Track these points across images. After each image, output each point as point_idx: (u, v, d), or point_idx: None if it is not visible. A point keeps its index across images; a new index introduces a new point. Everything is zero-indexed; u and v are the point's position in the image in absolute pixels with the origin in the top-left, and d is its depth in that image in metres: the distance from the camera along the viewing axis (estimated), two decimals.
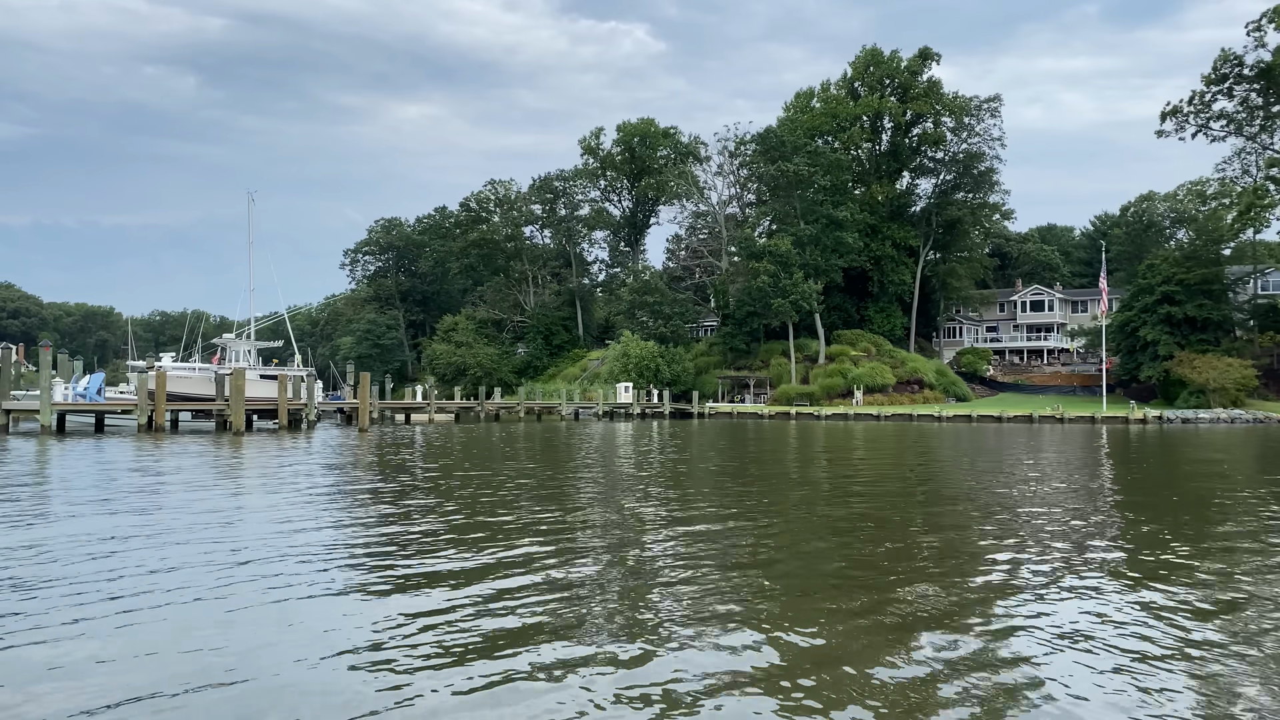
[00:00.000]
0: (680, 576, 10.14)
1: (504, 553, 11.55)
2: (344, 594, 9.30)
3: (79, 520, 14.03)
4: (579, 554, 11.56)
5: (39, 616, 8.27)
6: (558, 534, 13.10)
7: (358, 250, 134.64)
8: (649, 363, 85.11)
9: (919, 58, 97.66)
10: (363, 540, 12.57)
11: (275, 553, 11.37)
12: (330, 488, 19.16)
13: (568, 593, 9.38)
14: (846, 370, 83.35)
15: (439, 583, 9.82)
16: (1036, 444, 37.33)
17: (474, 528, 13.73)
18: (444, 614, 8.43)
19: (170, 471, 22.28)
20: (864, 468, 25.57)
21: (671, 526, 13.89)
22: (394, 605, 8.80)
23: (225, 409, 39.51)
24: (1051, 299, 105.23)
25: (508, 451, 31.00)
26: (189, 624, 8.04)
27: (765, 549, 11.97)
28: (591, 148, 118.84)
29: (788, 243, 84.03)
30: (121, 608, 8.63)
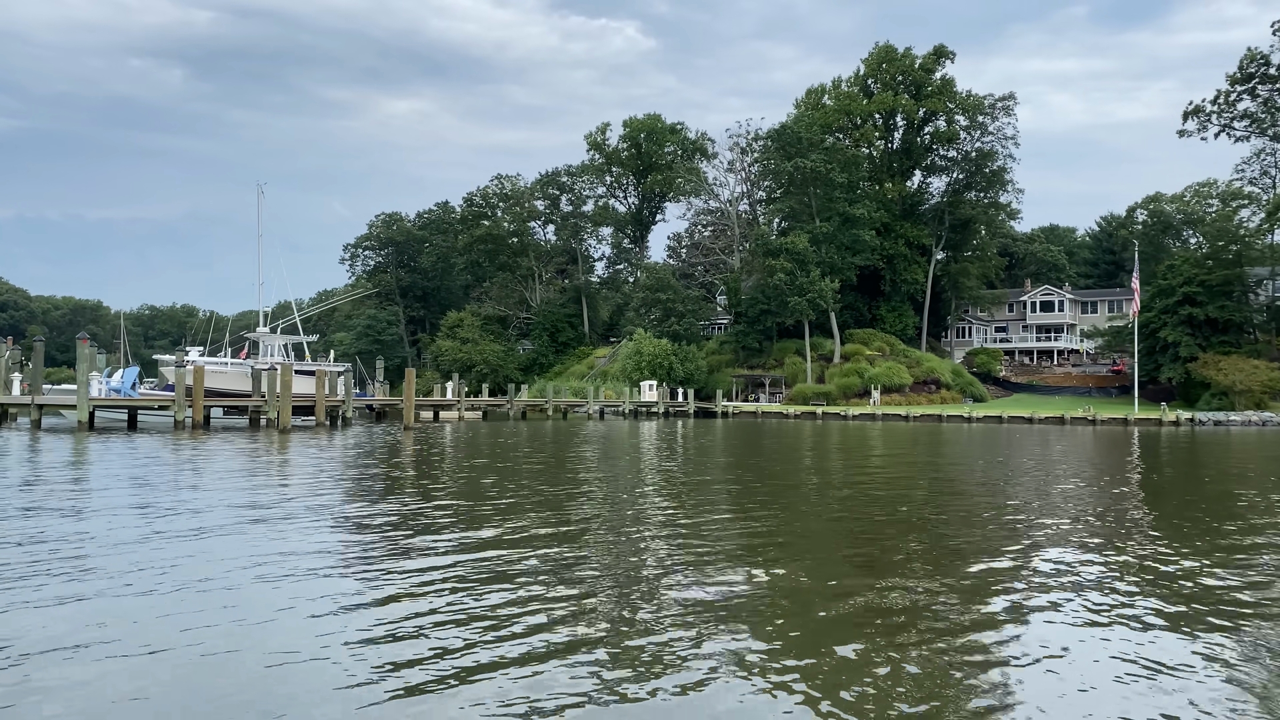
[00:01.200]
0: (782, 609, 8.71)
1: (663, 571, 10.39)
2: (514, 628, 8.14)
3: (214, 541, 12.81)
4: (708, 567, 10.42)
5: (117, 643, 7.19)
6: (687, 550, 11.96)
7: (358, 245, 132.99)
8: (662, 360, 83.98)
9: (933, 55, 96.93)
10: (525, 564, 11.41)
11: (423, 582, 10.18)
12: (446, 496, 17.96)
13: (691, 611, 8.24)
14: (863, 370, 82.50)
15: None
16: (1085, 448, 36.43)
17: (615, 545, 12.58)
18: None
19: (248, 474, 21.00)
20: (930, 477, 24.51)
21: (764, 551, 12.76)
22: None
23: (262, 405, 38.11)
24: (1062, 299, 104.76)
25: (571, 454, 29.84)
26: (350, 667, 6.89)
27: (882, 583, 10.38)
28: (597, 143, 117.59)
29: (804, 240, 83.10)
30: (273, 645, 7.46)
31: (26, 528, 12.41)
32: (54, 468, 21.09)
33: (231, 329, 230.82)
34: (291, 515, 14.06)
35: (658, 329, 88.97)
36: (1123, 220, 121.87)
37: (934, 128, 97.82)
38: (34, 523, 12.90)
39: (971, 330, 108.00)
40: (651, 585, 9.53)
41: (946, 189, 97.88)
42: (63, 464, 22.03)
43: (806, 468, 25.04)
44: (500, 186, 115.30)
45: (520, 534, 12.67)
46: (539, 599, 8.83)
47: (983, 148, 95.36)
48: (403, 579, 9.65)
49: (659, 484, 19.94)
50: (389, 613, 8.23)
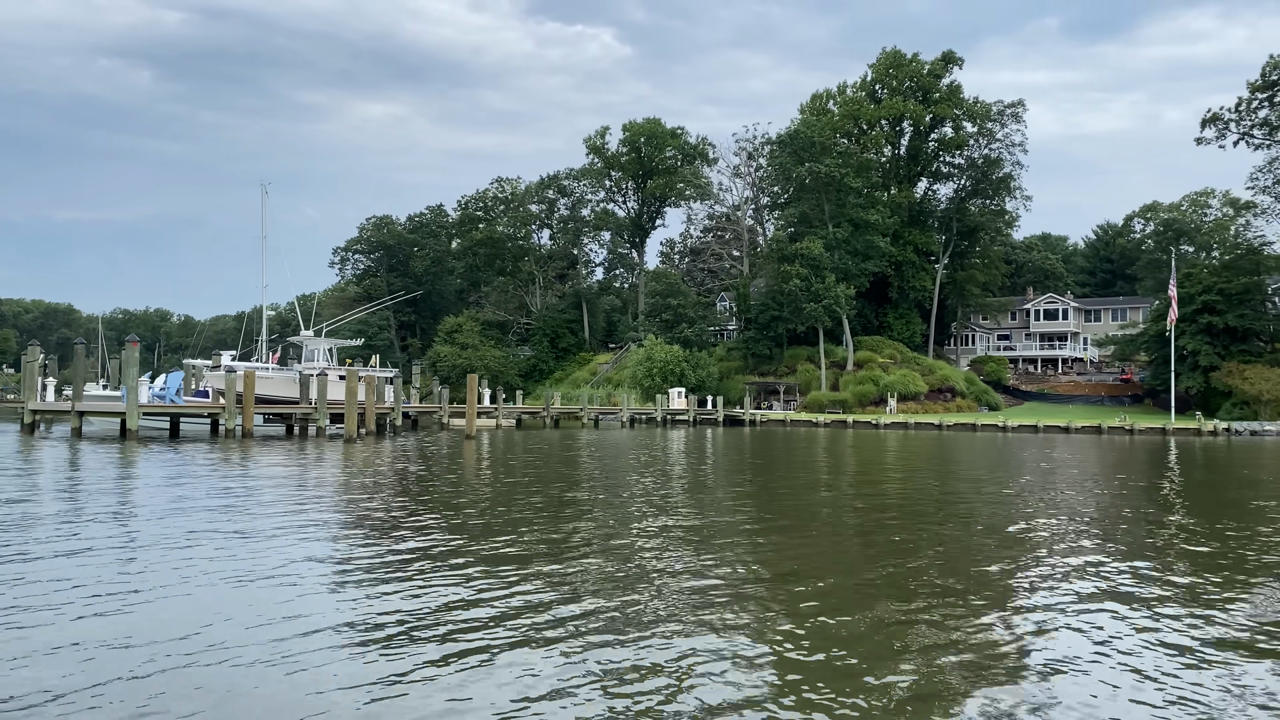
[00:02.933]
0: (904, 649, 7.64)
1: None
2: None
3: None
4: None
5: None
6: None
7: (348, 248, 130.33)
8: (673, 367, 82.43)
9: (941, 61, 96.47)
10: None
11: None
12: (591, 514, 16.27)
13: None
14: (878, 377, 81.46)
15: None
16: (1145, 460, 35.40)
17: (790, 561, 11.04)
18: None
19: (366, 491, 19.17)
20: (1002, 490, 23.18)
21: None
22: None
23: (311, 413, 36.05)
24: (1066, 308, 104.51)
25: (648, 462, 28.25)
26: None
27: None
28: (597, 147, 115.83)
29: (819, 245, 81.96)
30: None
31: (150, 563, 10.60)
32: (148, 487, 19.12)
33: (206, 334, 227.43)
34: (486, 561, 12.34)
35: (668, 335, 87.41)
36: (1120, 229, 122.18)
37: (940, 134, 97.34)
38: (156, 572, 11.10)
39: (975, 338, 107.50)
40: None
41: (954, 196, 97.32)
42: (148, 482, 20.05)
43: (899, 487, 23.59)
44: (500, 189, 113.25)
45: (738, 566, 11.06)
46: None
47: (990, 154, 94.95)
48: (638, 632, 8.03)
49: (766, 502, 18.37)
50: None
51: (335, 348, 47.44)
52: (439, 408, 49.81)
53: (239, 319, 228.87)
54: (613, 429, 55.99)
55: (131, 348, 31.06)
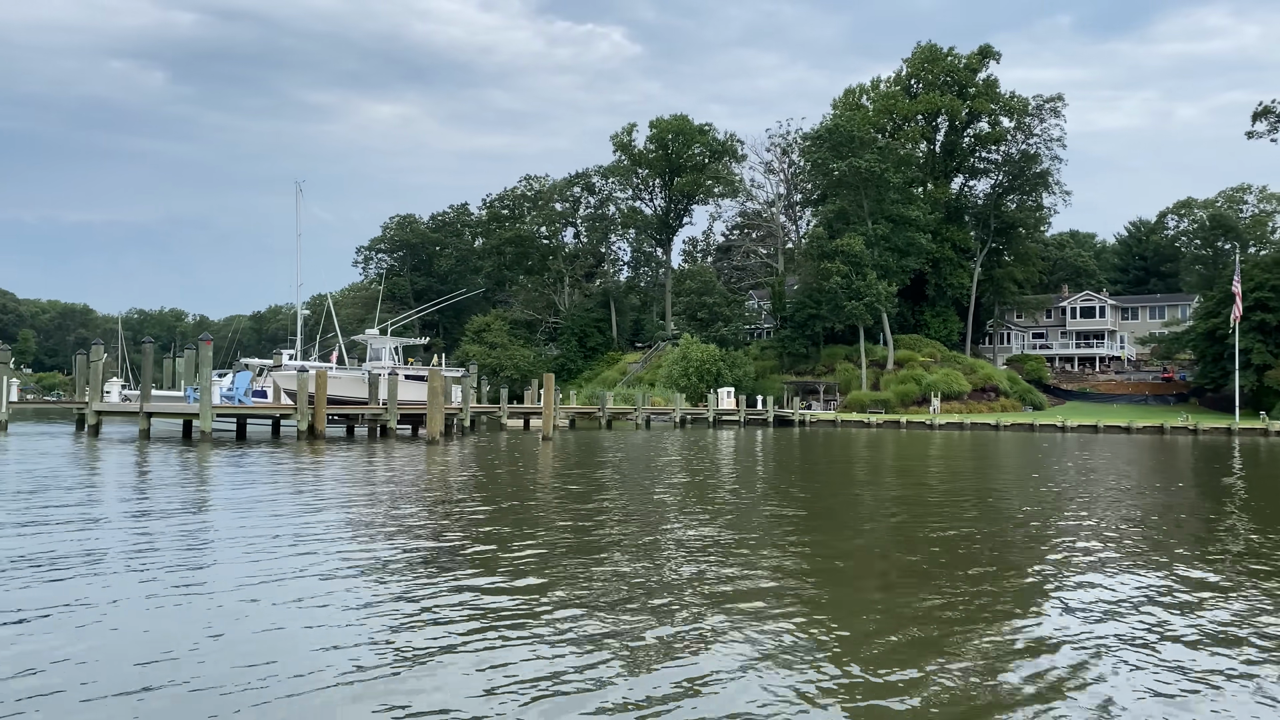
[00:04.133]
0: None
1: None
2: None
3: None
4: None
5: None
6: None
7: (371, 247, 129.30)
8: (710, 366, 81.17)
9: (978, 55, 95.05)
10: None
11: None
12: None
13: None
14: (920, 376, 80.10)
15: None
16: (1222, 462, 34.07)
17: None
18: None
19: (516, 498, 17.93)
20: (1110, 499, 21.86)
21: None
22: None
23: (381, 413, 34.81)
24: (1103, 305, 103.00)
25: (739, 464, 27.01)
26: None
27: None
28: (624, 144, 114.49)
29: (860, 242, 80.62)
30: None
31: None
32: (284, 496, 17.88)
33: (220, 333, 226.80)
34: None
35: (704, 334, 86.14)
36: (1153, 226, 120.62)
37: (976, 129, 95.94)
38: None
39: (1010, 336, 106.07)
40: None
41: (992, 191, 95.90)
42: (275, 490, 18.81)
43: (993, 495, 22.30)
44: (528, 187, 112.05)
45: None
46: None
47: (1027, 150, 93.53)
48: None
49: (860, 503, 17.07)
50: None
51: (400, 346, 46.11)
52: (498, 408, 48.54)
53: (254, 319, 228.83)
54: (666, 429, 54.73)
55: (205, 346, 29.83)
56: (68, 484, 17.97)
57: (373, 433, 35.34)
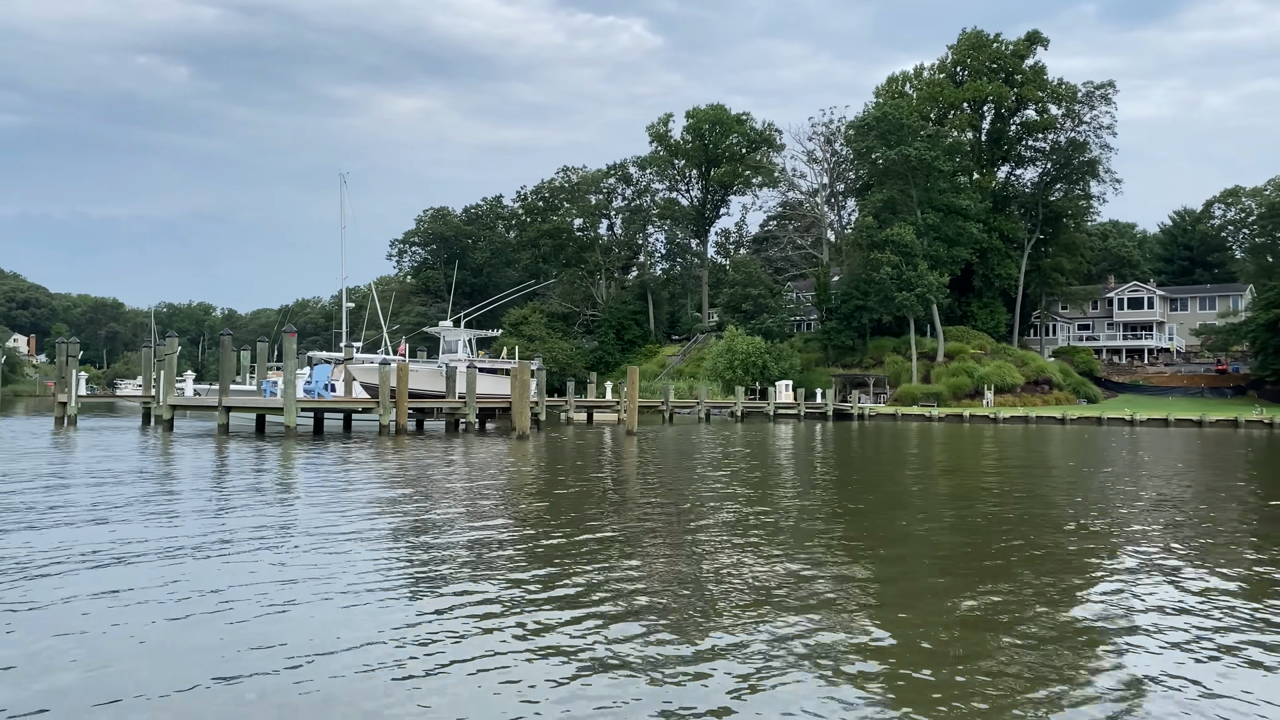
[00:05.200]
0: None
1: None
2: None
3: None
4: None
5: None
6: None
7: (405, 240, 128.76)
8: (756, 359, 79.97)
9: (1025, 41, 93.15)
10: None
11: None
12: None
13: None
14: (971, 369, 78.58)
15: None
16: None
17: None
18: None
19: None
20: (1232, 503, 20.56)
21: None
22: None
23: (460, 408, 33.91)
24: (1151, 296, 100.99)
25: (830, 458, 25.93)
26: None
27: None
28: (660, 135, 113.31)
29: (910, 232, 79.14)
30: None
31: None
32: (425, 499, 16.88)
33: (248, 327, 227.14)
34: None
35: (750, 326, 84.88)
36: (1198, 215, 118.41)
37: (1023, 117, 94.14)
38: None
39: (1056, 328, 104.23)
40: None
41: (1039, 180, 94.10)
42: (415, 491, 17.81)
43: (1091, 492, 21.06)
44: (565, 179, 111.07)
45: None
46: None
47: (1075, 138, 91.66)
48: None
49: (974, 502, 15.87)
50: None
51: (474, 339, 44.99)
52: (563, 401, 47.55)
53: (281, 312, 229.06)
54: (727, 423, 53.68)
55: (289, 339, 28.92)
56: (199, 485, 17.05)
57: (449, 426, 34.45)
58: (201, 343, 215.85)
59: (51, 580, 8.63)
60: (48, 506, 13.43)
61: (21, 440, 27.97)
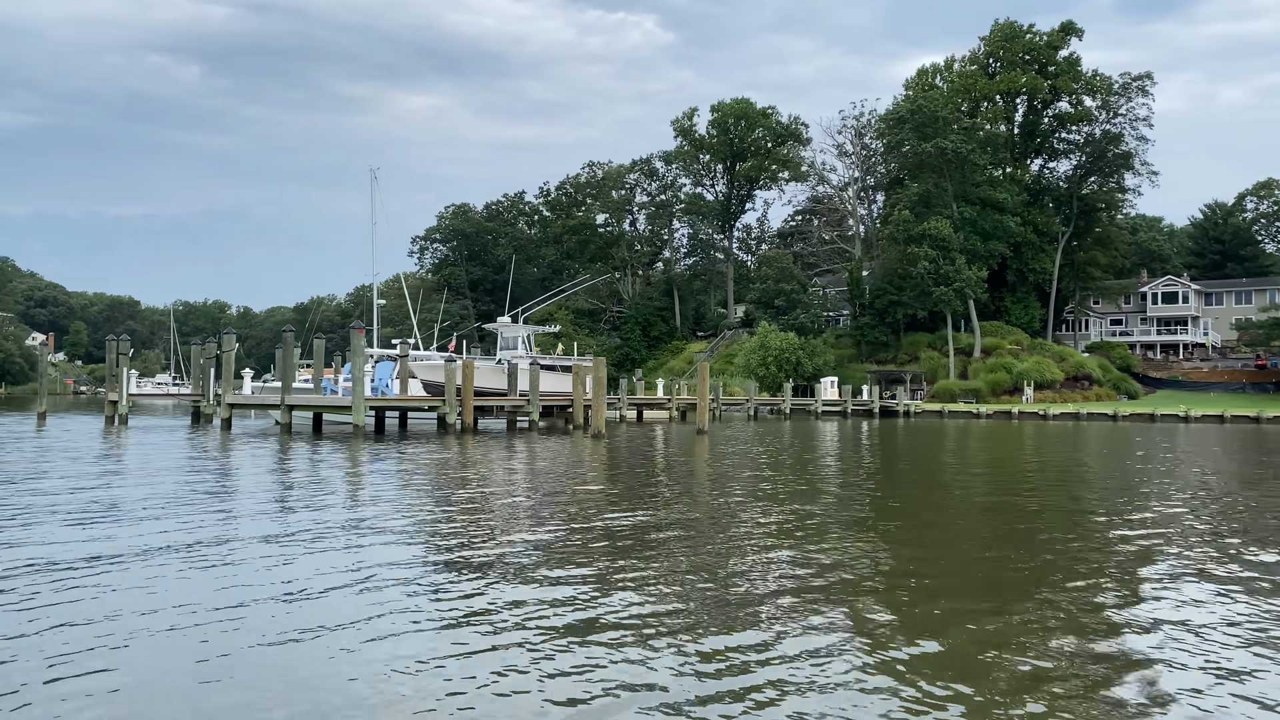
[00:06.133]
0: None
1: None
2: None
3: None
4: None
5: None
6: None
7: (427, 237, 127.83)
8: (789, 355, 78.88)
9: (1060, 32, 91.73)
10: None
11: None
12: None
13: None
14: (1010, 365, 77.41)
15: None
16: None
17: None
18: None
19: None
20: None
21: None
22: None
23: (523, 405, 32.92)
24: (1186, 291, 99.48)
25: (909, 456, 24.86)
26: None
27: None
28: (685, 129, 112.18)
29: (948, 226, 77.94)
30: None
31: None
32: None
33: (264, 324, 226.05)
34: None
35: (782, 321, 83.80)
36: (1230, 209, 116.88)
37: (1056, 109, 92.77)
38: None
39: (1089, 323, 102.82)
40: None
41: (1074, 172, 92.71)
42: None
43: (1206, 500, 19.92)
44: (591, 174, 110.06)
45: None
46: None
47: (1110, 130, 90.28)
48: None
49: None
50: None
51: (532, 335, 43.98)
52: (617, 399, 46.51)
53: (297, 310, 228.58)
54: (775, 420, 52.62)
55: (357, 335, 27.93)
56: (299, 489, 16.06)
57: (510, 425, 33.46)
58: (218, 340, 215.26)
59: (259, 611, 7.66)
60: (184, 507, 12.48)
61: (83, 441, 27.00)
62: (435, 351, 44.60)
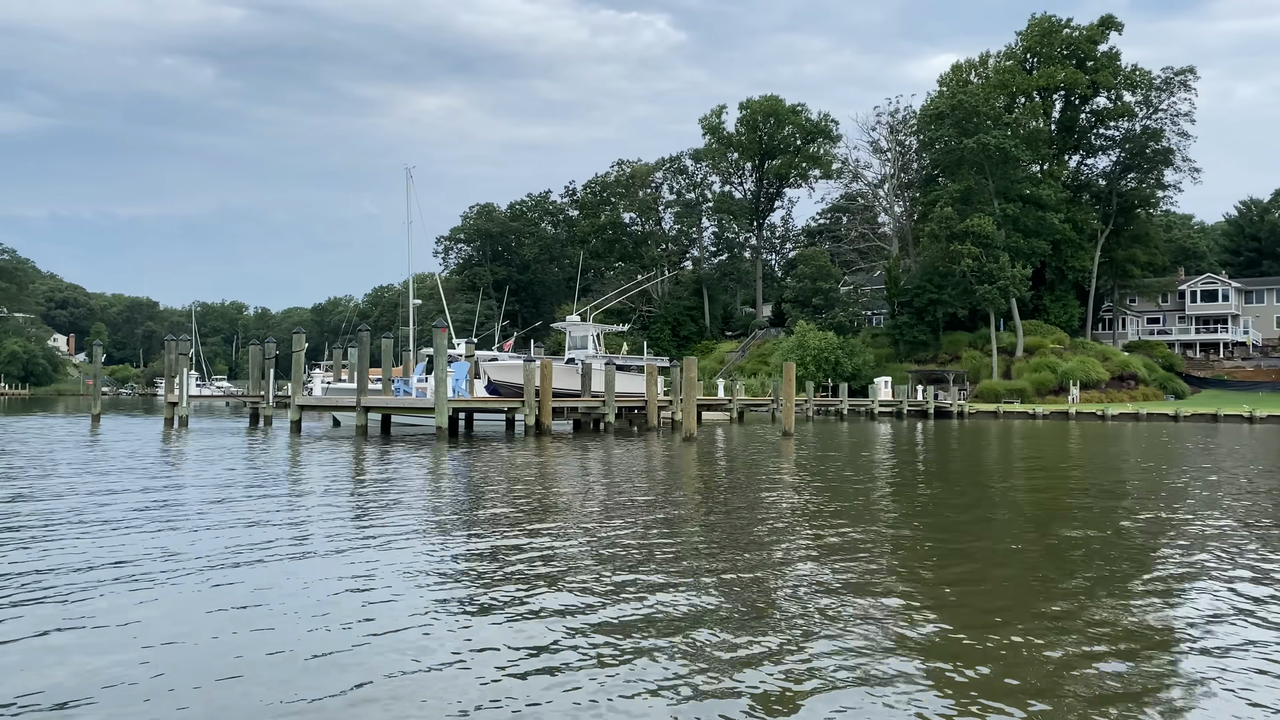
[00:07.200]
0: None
1: None
2: None
3: None
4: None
5: None
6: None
7: (451, 237, 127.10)
8: (828, 355, 77.69)
9: (1099, 26, 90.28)
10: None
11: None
12: None
13: None
14: (1054, 364, 76.08)
15: None
16: None
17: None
18: None
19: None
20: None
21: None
22: None
23: (598, 407, 31.85)
24: (1226, 289, 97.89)
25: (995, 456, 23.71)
26: None
27: None
28: (713, 127, 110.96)
29: (990, 223, 76.64)
30: None
31: None
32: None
33: (281, 325, 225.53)
34: None
35: (819, 320, 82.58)
36: (1266, 205, 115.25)
37: (1093, 105, 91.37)
38: None
39: (1126, 322, 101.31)
40: None
41: (1113, 169, 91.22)
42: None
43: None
44: (620, 172, 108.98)
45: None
46: None
47: (1149, 126, 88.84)
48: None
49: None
50: None
51: (602, 334, 42.83)
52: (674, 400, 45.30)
53: (315, 311, 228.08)
54: (831, 422, 51.46)
55: (440, 334, 26.87)
56: (456, 502, 14.96)
57: (578, 426, 32.41)
58: (235, 341, 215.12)
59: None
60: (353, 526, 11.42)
61: (145, 445, 25.89)
62: (498, 352, 43.53)
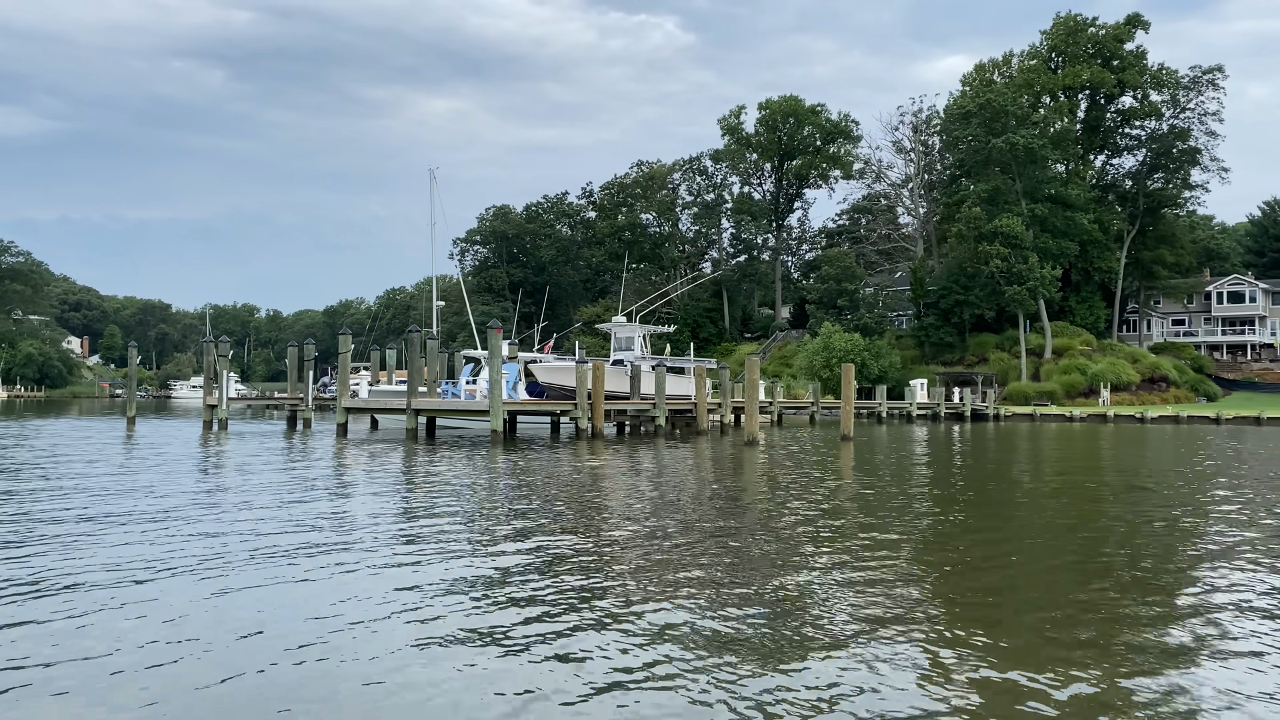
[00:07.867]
0: None
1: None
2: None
3: None
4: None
5: None
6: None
7: (468, 239, 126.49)
8: (854, 357, 76.74)
9: (1126, 25, 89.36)
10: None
11: None
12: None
13: None
14: (1084, 366, 75.13)
15: None
16: None
17: None
18: None
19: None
20: None
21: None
22: None
23: (649, 409, 31.11)
24: (1253, 290, 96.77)
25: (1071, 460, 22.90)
26: None
27: None
28: (732, 127, 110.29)
29: (1019, 223, 75.75)
30: None
31: None
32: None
33: (293, 328, 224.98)
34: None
35: (844, 322, 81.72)
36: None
37: (1119, 104, 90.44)
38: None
39: (1151, 323, 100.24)
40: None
41: (1140, 169, 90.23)
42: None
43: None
44: (640, 172, 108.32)
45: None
46: None
47: (1176, 125, 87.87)
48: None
49: None
50: None
51: (648, 334, 41.85)
52: (715, 403, 44.52)
53: (326, 313, 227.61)
54: (869, 425, 50.67)
55: (495, 335, 26.12)
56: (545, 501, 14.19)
57: (621, 429, 31.64)
58: (247, 344, 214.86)
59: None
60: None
61: (184, 448, 25.15)
62: (538, 353, 42.73)
